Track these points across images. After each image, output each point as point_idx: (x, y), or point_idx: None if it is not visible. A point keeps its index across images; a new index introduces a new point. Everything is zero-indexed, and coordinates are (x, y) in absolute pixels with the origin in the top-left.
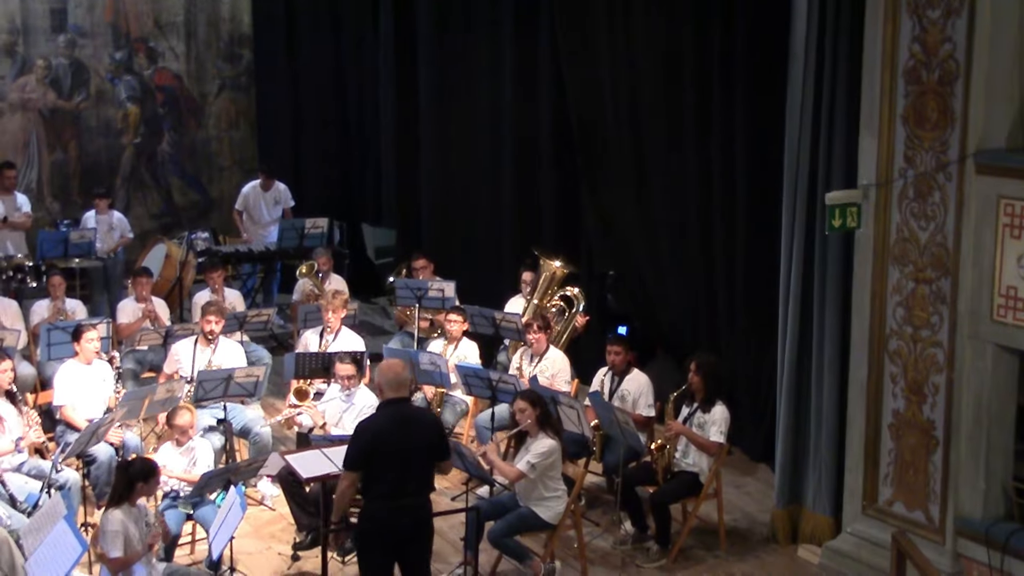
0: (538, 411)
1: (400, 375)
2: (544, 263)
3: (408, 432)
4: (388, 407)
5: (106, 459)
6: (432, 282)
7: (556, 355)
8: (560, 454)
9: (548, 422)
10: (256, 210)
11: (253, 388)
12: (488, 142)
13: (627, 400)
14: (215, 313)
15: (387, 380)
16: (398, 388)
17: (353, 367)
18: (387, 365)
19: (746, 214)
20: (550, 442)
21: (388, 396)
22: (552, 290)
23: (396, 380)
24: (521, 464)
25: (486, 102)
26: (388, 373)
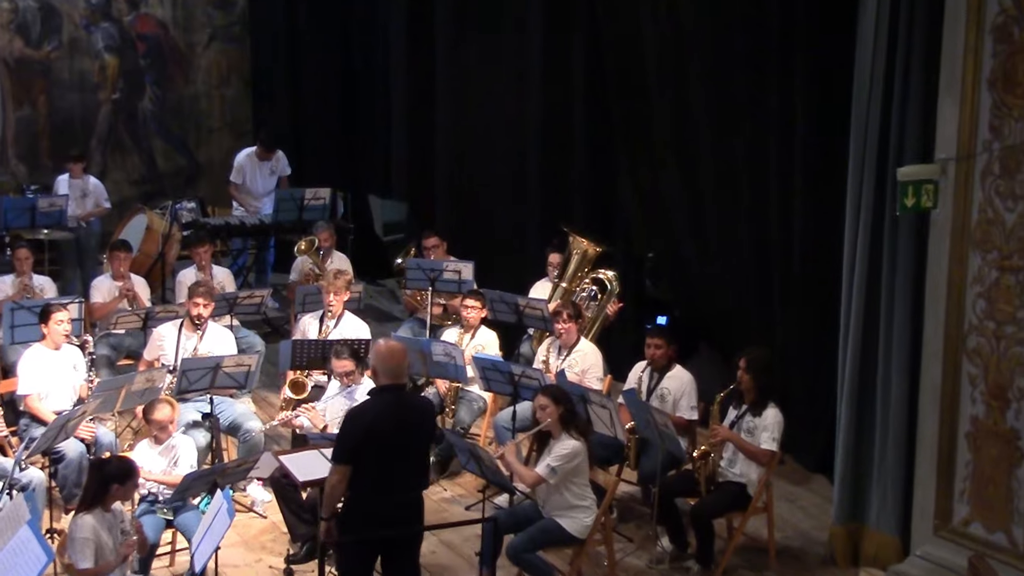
0: (561, 409)
1: (401, 363)
2: (574, 242)
3: (406, 422)
4: (384, 394)
5: (76, 457)
6: (447, 263)
7: (587, 347)
8: (586, 457)
9: (573, 421)
10: (252, 181)
11: (244, 379)
12: (513, 107)
13: (667, 400)
14: (203, 295)
15: (385, 365)
16: (396, 375)
17: (351, 361)
18: (387, 348)
19: (805, 192)
20: (574, 443)
21: (383, 382)
22: (583, 273)
23: (396, 368)
24: (540, 467)
25: (512, 62)
26: (388, 358)
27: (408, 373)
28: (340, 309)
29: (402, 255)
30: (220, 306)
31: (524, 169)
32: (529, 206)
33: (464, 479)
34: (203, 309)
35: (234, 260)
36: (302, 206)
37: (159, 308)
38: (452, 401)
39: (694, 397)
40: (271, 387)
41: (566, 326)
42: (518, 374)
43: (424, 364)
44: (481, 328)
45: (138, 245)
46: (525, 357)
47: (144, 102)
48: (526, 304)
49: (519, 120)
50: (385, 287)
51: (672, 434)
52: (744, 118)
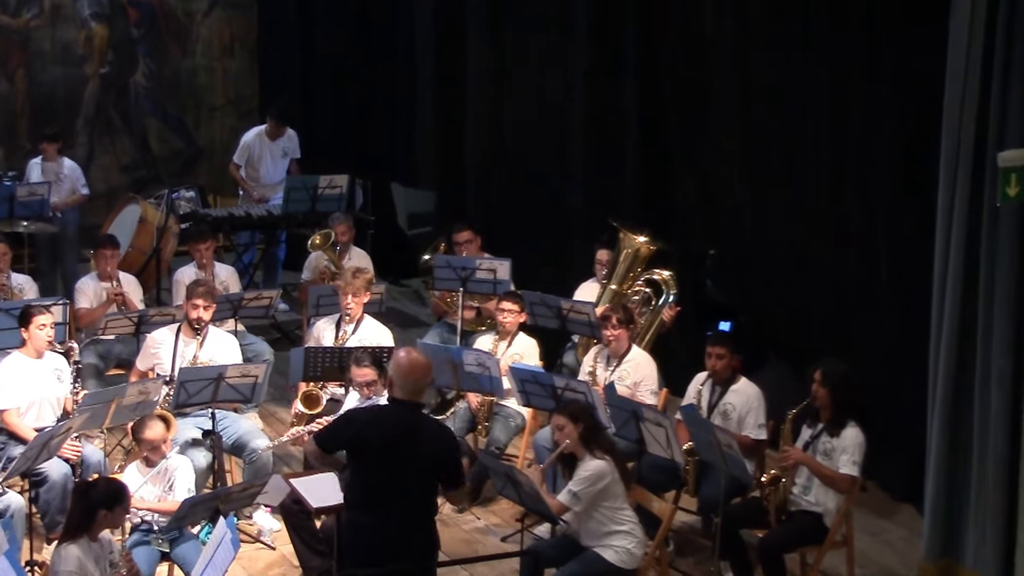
0: (581, 427)
1: (420, 381)
2: (624, 238)
3: (406, 440)
4: (394, 407)
5: (60, 479)
6: (480, 260)
7: (640, 357)
8: (617, 478)
9: (595, 439)
10: (260, 164)
11: (250, 392)
12: (556, 91)
13: (731, 417)
14: (202, 295)
15: (403, 379)
16: (413, 392)
17: (373, 370)
18: (409, 361)
19: (889, 183)
20: (597, 464)
21: (396, 395)
22: (635, 273)
23: (414, 385)
24: (561, 494)
25: (555, 35)
26: (407, 372)
27: (428, 391)
28: (359, 312)
29: (430, 251)
30: (223, 308)
31: (568, 157)
32: (573, 198)
33: (500, 506)
34: (203, 312)
35: (239, 257)
36: (316, 196)
37: (153, 311)
38: (486, 417)
39: (762, 414)
40: (281, 401)
41: (616, 332)
42: (561, 387)
43: (454, 375)
44: (519, 335)
45: (129, 240)
46: (569, 368)
47: (136, 77)
48: (570, 307)
49: (562, 105)
50: (410, 288)
51: (737, 456)
52: (819, 106)
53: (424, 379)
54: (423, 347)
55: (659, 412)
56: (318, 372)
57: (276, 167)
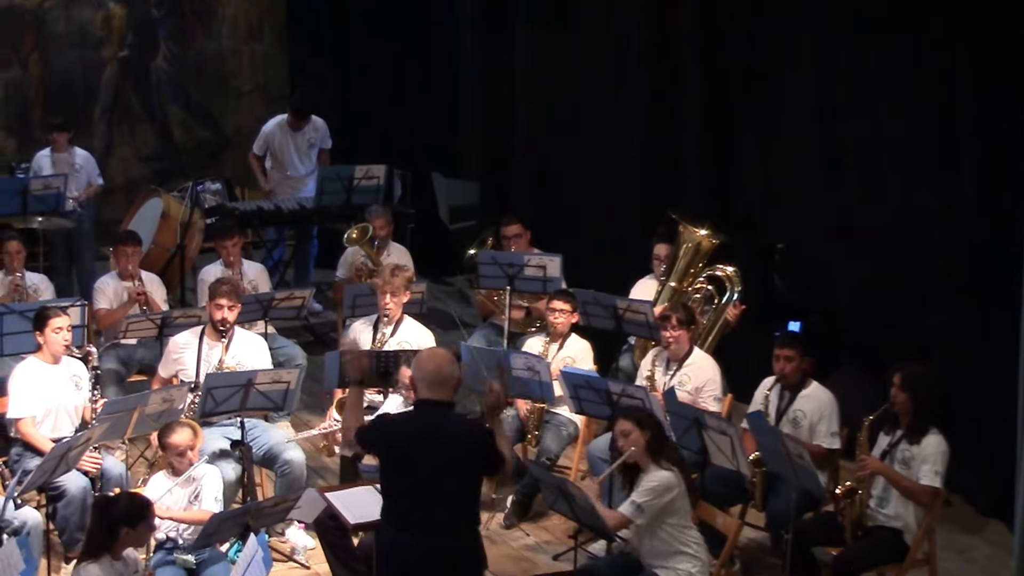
0: (648, 435)
1: (442, 369)
2: (685, 231)
3: (434, 441)
4: (419, 410)
5: (79, 494)
6: (529, 256)
7: (702, 360)
8: (684, 491)
9: (661, 449)
10: (284, 156)
11: (281, 399)
12: (610, 75)
13: (802, 425)
14: (226, 294)
15: (425, 374)
16: (438, 387)
17: None
18: (428, 355)
19: (975, 174)
20: (665, 475)
21: (423, 396)
22: (696, 269)
23: (436, 375)
24: (624, 506)
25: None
26: (427, 365)
27: (454, 385)
28: (398, 313)
29: (475, 246)
30: (252, 309)
31: (623, 144)
32: (629, 188)
33: (551, 522)
34: (227, 312)
35: (269, 253)
36: (351, 187)
37: (177, 313)
38: (536, 426)
39: (835, 421)
40: (314, 409)
41: (676, 334)
42: (617, 393)
43: (501, 380)
44: (571, 336)
45: (151, 236)
46: (625, 372)
47: (158, 61)
48: (627, 307)
49: (617, 90)
50: (453, 286)
51: (809, 467)
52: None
53: (446, 369)
54: (467, 350)
55: (723, 419)
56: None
57: (303, 159)
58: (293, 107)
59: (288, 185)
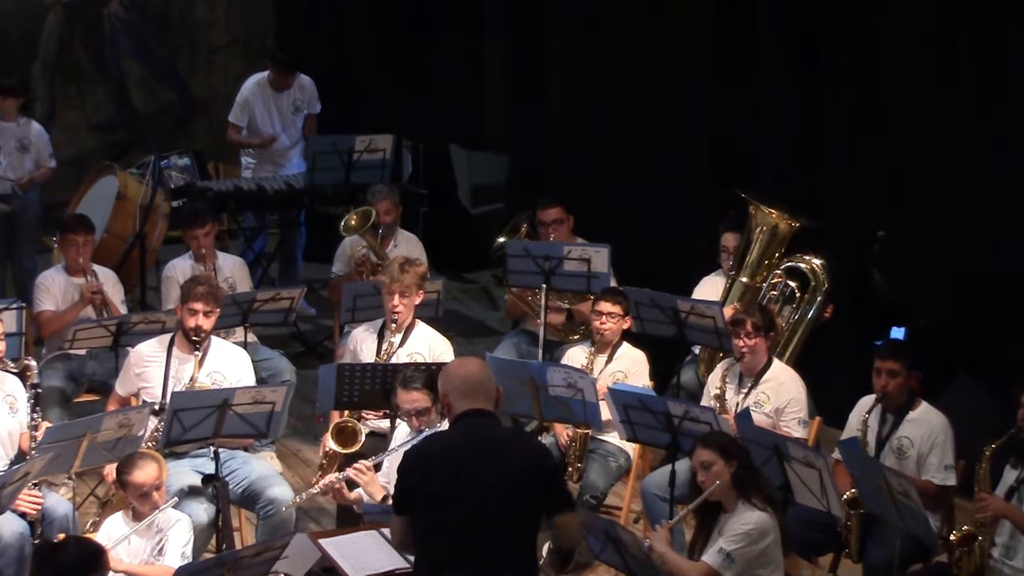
0: (734, 467)
1: (475, 375)
2: (757, 214)
3: (487, 462)
4: (459, 425)
5: (15, 540)
6: (570, 246)
7: (783, 375)
8: (778, 537)
9: (753, 484)
10: (264, 122)
11: (264, 424)
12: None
13: (908, 455)
14: (204, 298)
15: (458, 383)
16: (473, 395)
17: (426, 395)
18: (456, 364)
19: None
20: (758, 516)
21: (460, 409)
22: (773, 260)
23: (471, 382)
24: (709, 554)
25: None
26: (458, 372)
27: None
28: (409, 317)
29: (504, 235)
30: (229, 314)
31: (684, 114)
32: (691, 164)
33: (598, 573)
34: (203, 319)
35: (248, 244)
36: (350, 162)
37: (137, 317)
38: (578, 456)
39: (949, 451)
40: (306, 436)
41: (751, 342)
42: (679, 415)
43: (536, 400)
44: (623, 346)
45: (105, 223)
46: (688, 390)
47: (112, 7)
48: (690, 309)
49: (678, 46)
50: (476, 284)
51: (916, 507)
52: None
53: (480, 376)
54: (494, 362)
55: (810, 449)
56: (355, 397)
57: (287, 125)
58: (280, 63)
59: (269, 160)
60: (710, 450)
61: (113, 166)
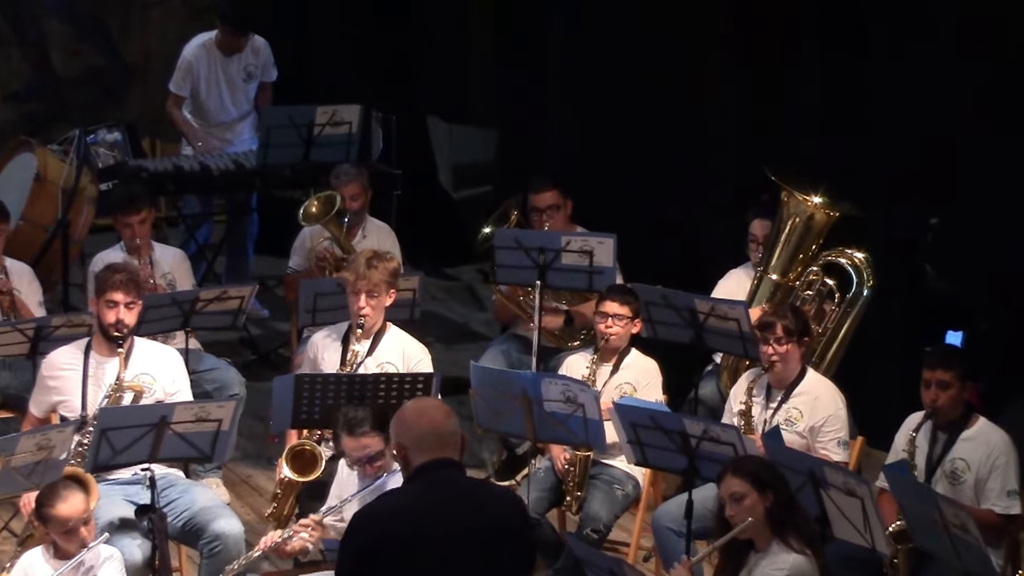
0: (769, 500)
1: (438, 425)
2: (789, 200)
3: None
4: (419, 480)
5: None
6: (569, 236)
7: (819, 388)
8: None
9: (791, 522)
10: (210, 93)
11: (208, 446)
12: None
13: (964, 480)
14: (126, 286)
15: (415, 435)
16: (437, 448)
17: (378, 437)
18: (414, 410)
19: None
20: (794, 559)
21: (419, 461)
22: (808, 254)
23: (432, 435)
24: None
25: None
26: (417, 422)
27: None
28: (379, 320)
29: (491, 223)
30: (167, 316)
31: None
32: (712, 140)
33: None
34: (124, 312)
35: (191, 234)
36: (310, 138)
37: (59, 320)
38: (578, 483)
39: (1013, 474)
40: (257, 460)
41: (781, 349)
42: (697, 435)
43: (528, 417)
44: (631, 353)
45: (20, 208)
46: (708, 405)
47: None
48: (710, 310)
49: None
50: (459, 281)
51: (975, 542)
52: None
53: (444, 427)
54: (479, 373)
55: (851, 474)
56: (316, 415)
57: (236, 96)
58: (231, 21)
59: (215, 135)
60: (742, 479)
61: (31, 142)
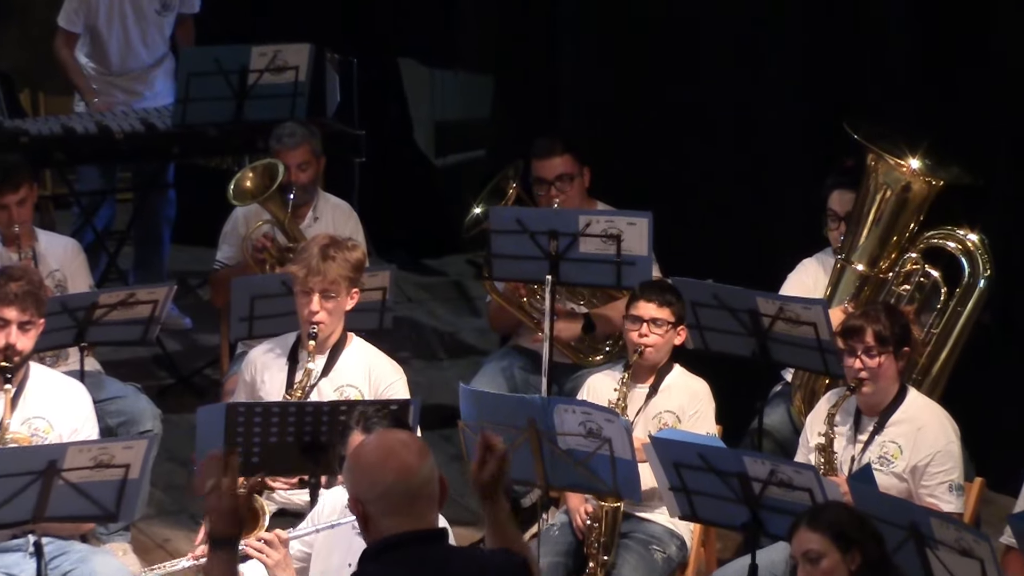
0: (856, 562)
1: (408, 473)
2: (878, 166)
3: None
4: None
5: None
6: (590, 215)
7: (924, 414)
8: None
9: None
10: (112, 29)
11: (113, 500)
12: None
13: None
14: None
15: (378, 490)
16: (409, 505)
17: None
18: (377, 454)
19: None
20: None
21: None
22: (903, 235)
23: (398, 482)
24: None
25: None
26: (381, 473)
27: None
28: (337, 330)
29: (484, 199)
30: (57, 327)
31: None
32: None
33: None
34: (18, 335)
35: (87, 219)
36: (243, 89)
37: None
38: (606, 545)
39: None
40: (178, 517)
41: (873, 362)
42: (761, 478)
43: (538, 456)
44: (673, 372)
45: None
46: (777, 438)
47: None
48: (777, 312)
49: None
50: (444, 276)
51: None
52: None
53: (419, 477)
54: (472, 399)
55: (967, 527)
56: (255, 457)
57: (146, 35)
58: None
59: (119, 87)
60: (821, 534)
61: None
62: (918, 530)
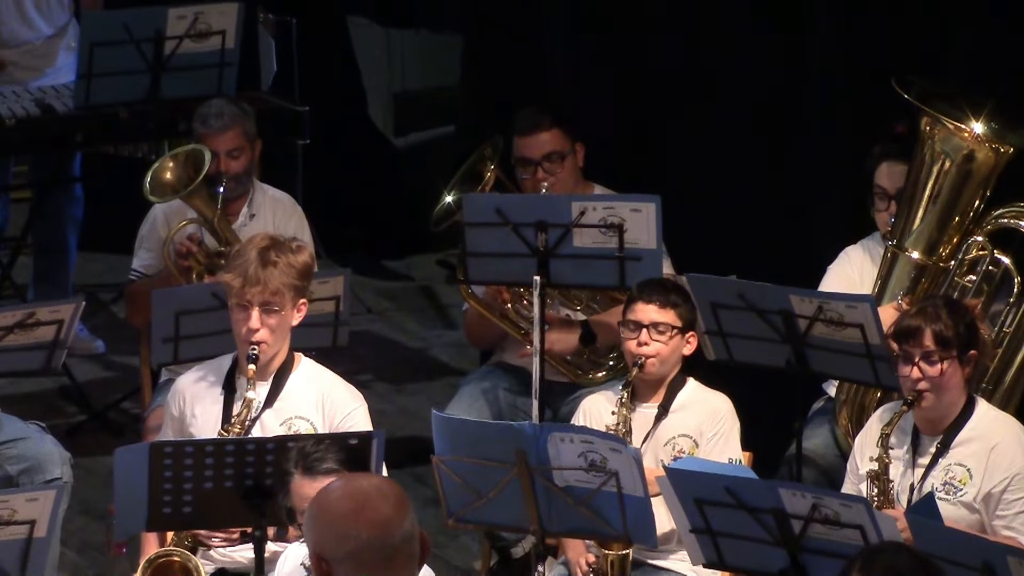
0: None
1: (383, 522)
2: (936, 132)
3: None
4: None
5: None
6: (585, 201)
7: (997, 430)
8: None
9: None
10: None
11: (16, 563)
12: None
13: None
14: None
15: (345, 541)
16: (382, 561)
17: None
18: (341, 497)
19: None
20: None
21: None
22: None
23: (373, 540)
24: None
25: None
26: (347, 520)
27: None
28: (281, 350)
29: (455, 185)
30: None
31: None
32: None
33: None
34: None
35: None
36: (159, 59)
37: None
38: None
39: None
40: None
41: (934, 370)
42: (801, 514)
43: (529, 495)
44: (687, 387)
45: None
46: (819, 464)
47: None
48: (816, 312)
49: None
50: (410, 281)
51: None
52: None
53: (393, 526)
54: (446, 427)
55: None
56: (186, 507)
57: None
58: None
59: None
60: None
61: None
62: (992, 570)
